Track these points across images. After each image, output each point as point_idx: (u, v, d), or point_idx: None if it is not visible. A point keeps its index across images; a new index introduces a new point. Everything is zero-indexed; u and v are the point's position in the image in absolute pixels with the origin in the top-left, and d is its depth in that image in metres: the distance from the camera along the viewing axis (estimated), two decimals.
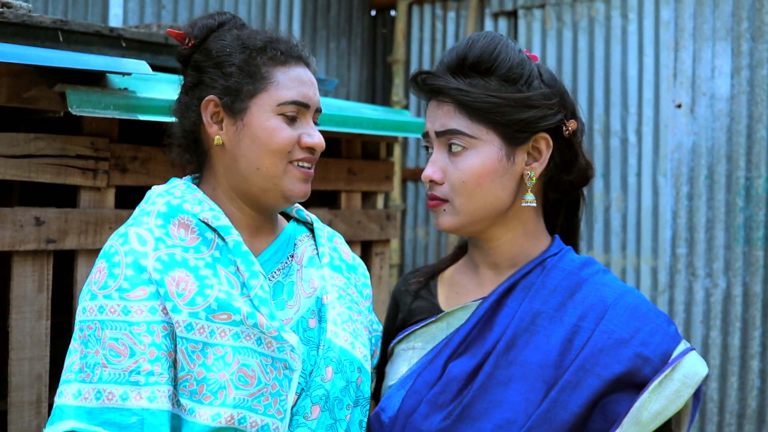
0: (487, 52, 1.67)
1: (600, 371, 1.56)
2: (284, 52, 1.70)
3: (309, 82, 1.73)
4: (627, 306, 1.63)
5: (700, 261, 5.06)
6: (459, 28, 6.24)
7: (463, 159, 1.66)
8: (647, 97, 5.30)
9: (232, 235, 1.66)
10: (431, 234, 6.33)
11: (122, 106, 2.46)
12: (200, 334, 1.56)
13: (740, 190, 4.92)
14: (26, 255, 2.48)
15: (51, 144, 2.51)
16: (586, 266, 1.70)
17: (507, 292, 1.69)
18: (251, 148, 1.67)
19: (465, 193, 1.66)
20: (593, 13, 5.52)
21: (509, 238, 1.72)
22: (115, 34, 3.05)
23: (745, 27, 4.92)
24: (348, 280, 1.84)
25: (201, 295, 1.57)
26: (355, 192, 3.59)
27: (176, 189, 1.72)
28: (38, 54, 2.32)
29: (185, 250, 1.62)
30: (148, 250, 1.59)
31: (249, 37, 1.71)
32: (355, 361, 1.71)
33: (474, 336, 1.67)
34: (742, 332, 4.92)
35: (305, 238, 1.85)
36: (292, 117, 1.69)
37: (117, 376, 1.52)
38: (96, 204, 2.64)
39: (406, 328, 1.79)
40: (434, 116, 1.71)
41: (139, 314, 1.54)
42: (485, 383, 1.61)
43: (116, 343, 1.53)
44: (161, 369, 1.53)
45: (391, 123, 3.46)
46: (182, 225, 1.65)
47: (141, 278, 1.56)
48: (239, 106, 1.68)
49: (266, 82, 1.68)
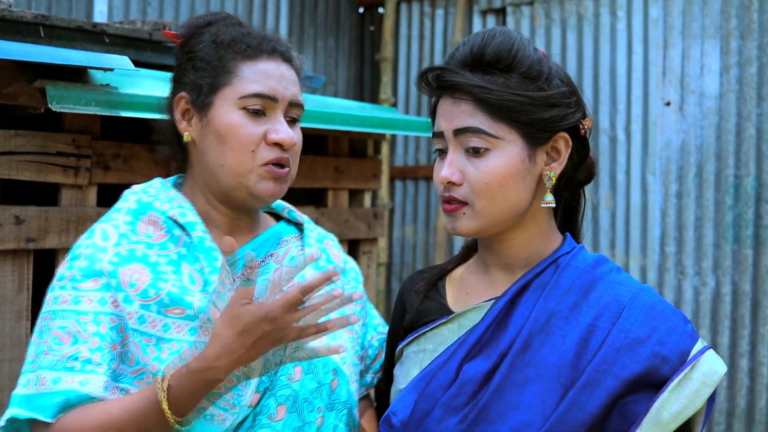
0: (505, 48, 1.61)
1: (618, 371, 1.53)
2: (253, 46, 1.65)
3: (279, 75, 1.66)
4: (643, 305, 1.59)
5: (689, 259, 5.05)
6: (447, 26, 6.21)
7: (485, 160, 1.59)
8: (636, 95, 5.28)
9: (197, 231, 1.64)
10: (419, 233, 6.29)
11: (104, 103, 2.41)
12: (153, 328, 1.54)
13: (729, 188, 4.91)
14: (6, 254, 2.44)
15: (31, 141, 2.47)
16: (600, 264, 1.67)
17: (520, 291, 1.65)
18: (215, 144, 1.64)
19: (487, 195, 1.60)
20: (582, 11, 5.50)
21: (524, 238, 1.68)
22: (98, 30, 3.01)
23: (734, 25, 4.90)
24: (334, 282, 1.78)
25: (153, 287, 1.55)
26: (342, 190, 3.55)
27: (151, 188, 1.72)
28: (17, 49, 2.27)
29: (149, 247, 1.61)
30: (108, 245, 1.59)
31: (222, 32, 1.68)
32: (330, 362, 1.67)
33: (488, 337, 1.63)
34: (731, 331, 4.91)
35: (293, 238, 1.81)
36: (257, 111, 1.63)
37: (55, 362, 1.50)
38: (77, 202, 2.60)
39: (415, 330, 1.74)
40: (450, 114, 1.62)
41: (88, 304, 1.54)
42: (501, 385, 1.57)
43: (62, 332, 1.52)
44: (100, 359, 1.51)
45: (379, 120, 3.43)
46: (151, 222, 1.64)
47: (94, 269, 1.56)
48: (204, 101, 1.65)
49: (230, 75, 1.63)
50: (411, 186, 6.35)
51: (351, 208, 3.60)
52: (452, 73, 1.61)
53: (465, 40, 1.66)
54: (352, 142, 3.63)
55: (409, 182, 6.36)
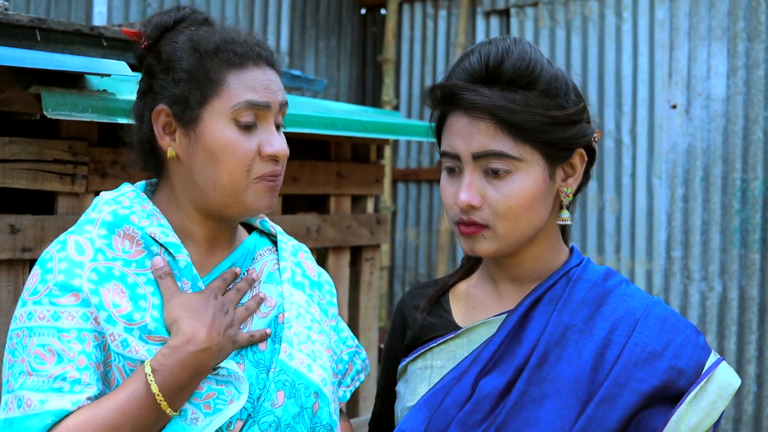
0: (524, 63, 1.53)
1: (635, 385, 1.50)
2: (239, 54, 1.56)
3: (268, 81, 1.58)
4: (657, 317, 1.57)
5: (695, 264, 5.00)
6: (450, 27, 6.17)
7: (508, 183, 1.52)
8: (642, 97, 5.24)
9: (182, 255, 1.56)
10: (422, 235, 6.24)
11: (101, 109, 2.36)
12: (137, 352, 1.46)
13: (736, 192, 4.87)
14: (1, 264, 2.39)
15: (27, 148, 2.42)
16: (610, 277, 1.64)
17: (533, 305, 1.60)
18: (207, 163, 1.54)
19: (511, 219, 1.53)
20: (587, 12, 5.45)
21: (535, 253, 1.63)
22: (96, 33, 2.96)
23: (742, 27, 4.85)
24: (310, 297, 1.73)
25: (138, 311, 1.49)
26: (345, 196, 3.50)
27: (125, 198, 1.60)
28: (12, 54, 2.22)
29: (126, 264, 1.53)
30: (84, 260, 1.49)
31: (202, 39, 1.56)
32: (312, 385, 1.61)
33: (502, 352, 1.58)
34: (738, 336, 4.87)
35: (267, 252, 1.74)
36: (249, 125, 1.55)
37: (40, 383, 1.42)
38: (74, 210, 2.55)
39: (419, 346, 1.69)
40: (468, 135, 1.53)
41: (70, 320, 1.45)
42: (519, 401, 1.53)
43: (43, 350, 1.43)
44: (89, 379, 1.43)
45: (382, 125, 3.37)
46: (127, 237, 1.55)
47: (72, 284, 1.46)
48: (190, 115, 1.55)
49: (217, 86, 1.54)
50: (413, 189, 6.31)
51: (353, 214, 3.55)
52: (470, 92, 1.52)
53: (473, 51, 1.57)
54: (355, 146, 3.58)
55: (412, 185, 6.31)
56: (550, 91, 1.54)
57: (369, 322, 3.61)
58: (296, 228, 3.20)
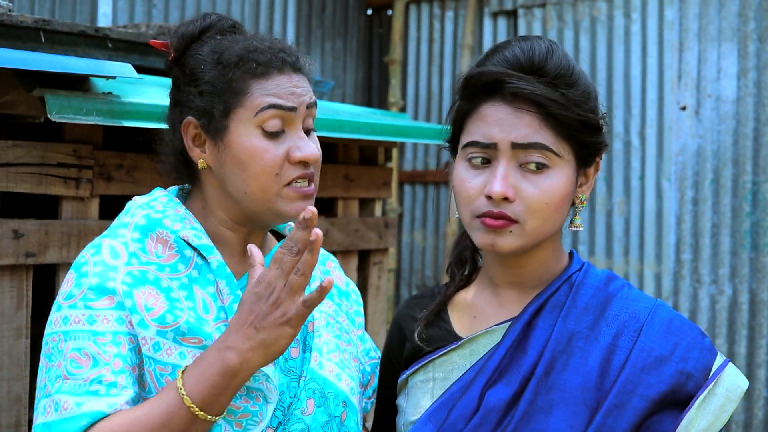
0: (566, 62, 1.52)
1: (643, 391, 1.48)
2: (263, 63, 1.55)
3: (293, 86, 1.57)
4: (662, 321, 1.55)
5: (705, 267, 4.96)
6: (457, 28, 6.13)
7: (544, 178, 1.50)
8: (651, 98, 5.20)
9: (215, 256, 1.56)
10: (428, 238, 6.21)
11: (106, 112, 2.33)
12: (168, 356, 1.48)
13: (747, 194, 4.83)
14: (4, 270, 2.35)
15: (30, 151, 2.39)
16: (612, 281, 1.62)
17: (537, 312, 1.59)
18: (236, 172, 1.55)
19: (542, 216, 1.51)
20: (595, 13, 5.41)
21: (540, 257, 1.62)
22: (101, 35, 2.93)
23: (752, 27, 4.82)
24: (338, 306, 1.74)
25: (171, 314, 1.49)
26: (353, 199, 3.47)
27: (157, 202, 1.62)
28: (16, 56, 2.18)
29: (160, 269, 1.54)
30: (119, 264, 1.51)
31: (226, 49, 1.56)
32: (341, 394, 1.62)
33: (507, 361, 1.56)
34: (748, 340, 4.83)
35: None
36: (276, 133, 1.54)
37: (76, 386, 1.43)
38: (79, 215, 2.52)
39: (420, 358, 1.66)
40: (509, 125, 1.50)
41: (105, 323, 1.46)
42: (527, 411, 1.51)
43: (78, 354, 1.45)
44: (125, 382, 1.44)
45: (390, 128, 3.34)
46: (160, 240, 1.56)
47: (107, 287, 1.48)
48: (216, 126, 1.55)
49: (241, 96, 1.54)
50: (420, 191, 6.27)
51: (361, 217, 3.51)
52: (521, 80, 1.49)
53: (510, 44, 1.54)
54: (363, 149, 3.55)
55: (419, 187, 6.28)
56: (585, 93, 1.54)
57: (377, 327, 3.58)
58: None
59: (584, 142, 1.54)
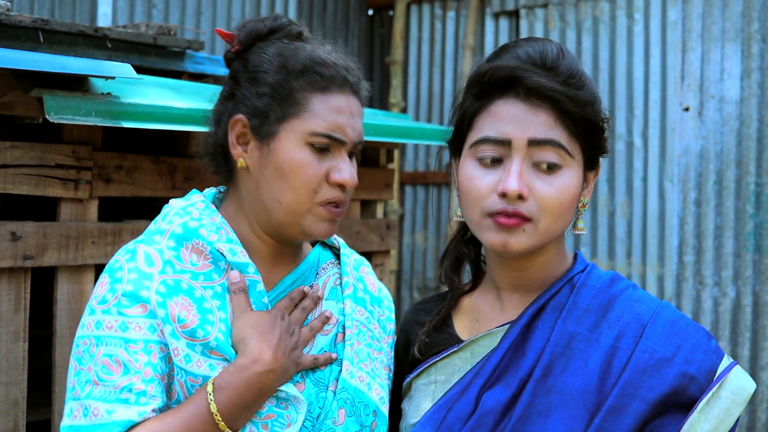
0: (576, 64, 1.52)
1: (644, 394, 1.46)
2: (326, 77, 1.55)
3: (350, 113, 1.57)
4: (665, 322, 1.53)
5: (708, 269, 4.94)
6: (458, 28, 6.11)
7: (558, 178, 1.50)
8: (653, 99, 5.18)
9: (249, 275, 1.57)
10: (430, 239, 6.19)
11: (105, 113, 2.31)
12: (199, 368, 1.49)
13: (750, 196, 4.80)
14: (2, 272, 2.34)
15: (29, 153, 2.37)
16: (616, 282, 1.61)
17: (536, 314, 1.58)
18: (274, 179, 1.55)
19: (555, 214, 1.50)
20: (597, 13, 5.39)
21: (543, 259, 1.61)
22: (100, 34, 2.91)
23: (756, 28, 4.79)
24: (371, 314, 1.72)
25: (202, 329, 1.50)
26: (354, 200, 3.44)
27: (194, 208, 1.62)
28: (13, 56, 2.16)
29: (194, 277, 1.55)
30: (153, 272, 1.52)
31: (292, 55, 1.57)
32: (371, 403, 1.61)
33: (505, 363, 1.55)
34: (752, 343, 4.80)
35: (330, 265, 1.74)
36: (323, 149, 1.55)
37: (107, 393, 1.45)
38: (77, 217, 2.50)
39: (423, 361, 1.65)
40: (525, 121, 1.48)
41: (138, 331, 1.48)
42: (524, 414, 1.49)
43: (110, 360, 1.46)
44: (155, 391, 1.46)
45: (393, 129, 3.31)
46: (195, 250, 1.57)
47: (140, 295, 1.50)
48: (267, 130, 1.56)
49: (299, 108, 1.54)
50: (421, 192, 6.25)
51: (363, 219, 3.49)
52: (539, 76, 1.48)
53: (520, 43, 1.54)
54: (365, 150, 3.53)
55: (420, 188, 6.26)
56: (593, 96, 1.54)
57: None
58: None
59: (593, 143, 1.54)
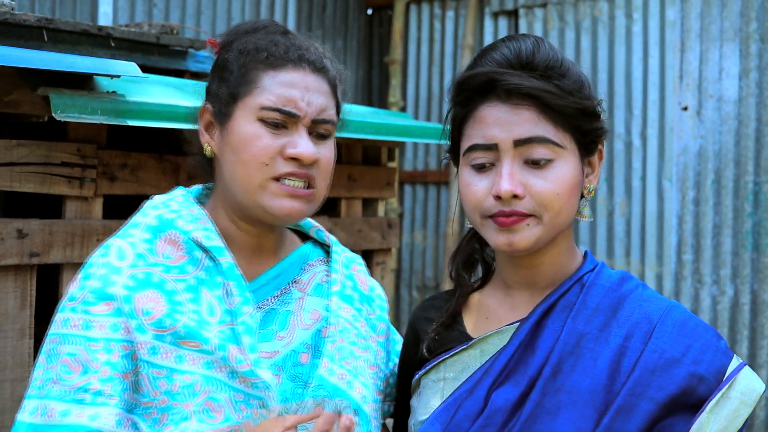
0: (554, 54, 1.52)
1: (653, 394, 1.46)
2: (278, 56, 1.54)
3: (304, 87, 1.54)
4: (675, 322, 1.53)
5: (706, 268, 4.95)
6: (458, 28, 6.12)
7: (551, 171, 1.50)
8: (652, 99, 5.19)
9: (225, 257, 1.54)
10: (429, 238, 6.20)
11: (110, 111, 2.32)
12: (165, 359, 1.46)
13: (748, 195, 4.82)
14: (8, 270, 2.35)
15: (34, 151, 2.38)
16: (625, 281, 1.60)
17: (546, 313, 1.57)
18: (230, 157, 1.54)
19: (556, 206, 1.50)
20: (596, 13, 5.40)
21: (553, 254, 1.60)
22: (104, 33, 2.92)
23: (754, 28, 4.81)
24: (358, 312, 1.69)
25: (170, 318, 1.47)
26: (356, 199, 3.46)
27: (174, 201, 1.60)
28: (20, 55, 2.17)
29: (167, 270, 1.52)
30: (124, 266, 1.50)
31: (251, 40, 1.57)
32: (351, 402, 1.58)
33: (515, 362, 1.55)
34: (750, 341, 4.82)
35: (318, 262, 1.71)
36: (276, 124, 1.52)
37: (64, 393, 1.44)
38: (83, 215, 2.51)
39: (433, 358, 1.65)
40: (508, 123, 1.49)
41: (100, 330, 1.46)
42: (533, 413, 1.49)
43: (71, 359, 1.45)
44: (112, 390, 1.43)
45: (394, 127, 3.33)
46: (170, 242, 1.54)
47: (107, 292, 1.48)
48: (225, 111, 1.56)
49: (251, 86, 1.53)
50: (420, 191, 6.26)
51: (364, 217, 3.50)
52: (513, 76, 1.49)
53: (497, 45, 1.54)
54: (366, 149, 3.54)
55: (419, 187, 6.27)
56: (578, 82, 1.54)
57: None
58: None
59: (584, 129, 1.53)
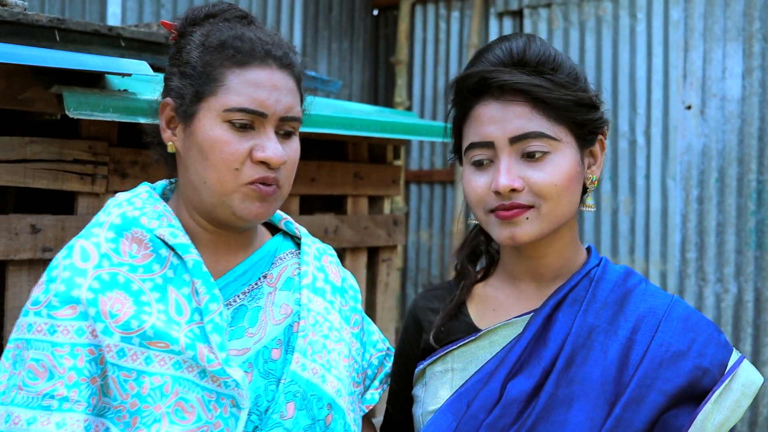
0: (546, 49, 1.56)
1: (661, 386, 1.51)
2: (244, 52, 1.49)
3: (272, 86, 1.49)
4: (679, 316, 1.57)
5: (710, 265, 4.98)
6: (463, 28, 6.15)
7: (547, 163, 1.53)
8: (656, 98, 5.21)
9: (191, 254, 1.51)
10: (435, 237, 6.23)
11: (122, 109, 2.35)
12: (134, 361, 1.42)
13: (752, 193, 4.84)
14: (21, 264, 2.38)
15: (47, 148, 2.42)
16: (630, 276, 1.64)
17: (557, 306, 1.60)
18: (198, 160, 1.49)
19: (555, 197, 1.53)
20: (601, 13, 5.43)
21: (558, 246, 1.63)
22: (114, 33, 2.95)
23: (757, 27, 4.83)
24: (330, 304, 1.66)
25: (137, 319, 1.43)
26: (362, 197, 3.49)
27: (138, 198, 1.56)
28: (34, 54, 2.21)
29: (132, 270, 1.48)
30: (88, 267, 1.46)
31: (213, 33, 1.51)
32: (325, 396, 1.55)
33: (528, 353, 1.58)
34: (753, 338, 4.84)
35: (288, 255, 1.68)
36: (243, 125, 1.48)
37: (30, 399, 1.40)
38: (94, 211, 2.52)
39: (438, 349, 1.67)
40: (502, 120, 1.53)
41: (65, 335, 1.42)
42: (548, 404, 1.53)
43: (36, 365, 1.41)
44: (78, 396, 1.40)
45: (400, 125, 3.36)
46: (135, 240, 1.50)
47: (71, 296, 1.43)
48: (188, 110, 1.50)
49: (216, 85, 1.48)
50: (426, 190, 6.29)
51: (371, 215, 3.54)
52: (504, 74, 1.52)
53: (491, 46, 1.59)
54: (372, 147, 3.57)
55: (425, 186, 6.30)
56: (572, 75, 1.57)
57: (386, 323, 3.60)
58: (314, 229, 3.19)
59: (580, 121, 1.56)
